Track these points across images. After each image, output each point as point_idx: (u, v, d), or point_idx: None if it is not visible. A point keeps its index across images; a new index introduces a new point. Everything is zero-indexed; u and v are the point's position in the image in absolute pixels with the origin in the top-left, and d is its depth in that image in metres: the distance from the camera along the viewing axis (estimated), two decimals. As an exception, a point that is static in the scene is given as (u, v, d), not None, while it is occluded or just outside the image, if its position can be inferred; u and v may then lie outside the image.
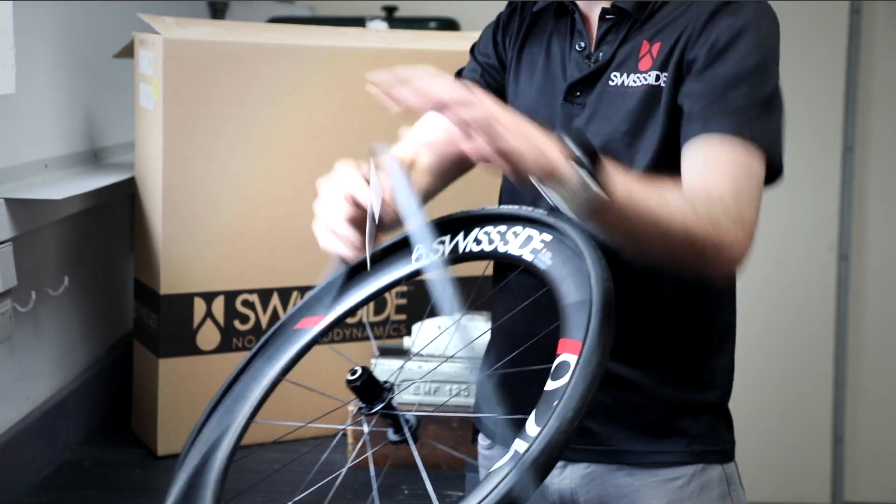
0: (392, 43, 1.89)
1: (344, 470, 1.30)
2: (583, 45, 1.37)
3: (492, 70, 1.47)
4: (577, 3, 1.39)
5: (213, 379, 1.78)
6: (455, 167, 1.45)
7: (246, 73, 1.74)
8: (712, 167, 1.26)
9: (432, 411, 1.50)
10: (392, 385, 1.20)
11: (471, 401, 1.75)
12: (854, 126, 3.44)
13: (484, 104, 1.09)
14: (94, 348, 1.95)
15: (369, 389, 1.17)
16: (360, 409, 1.19)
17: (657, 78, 1.31)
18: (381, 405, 1.17)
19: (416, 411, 1.20)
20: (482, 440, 1.53)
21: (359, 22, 2.77)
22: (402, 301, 1.92)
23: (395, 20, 2.88)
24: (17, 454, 1.58)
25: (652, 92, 1.31)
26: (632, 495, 1.37)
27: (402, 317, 1.93)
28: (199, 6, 2.89)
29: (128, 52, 1.86)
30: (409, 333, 1.87)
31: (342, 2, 3.19)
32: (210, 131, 1.73)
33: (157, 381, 1.75)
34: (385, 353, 1.76)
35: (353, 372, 1.16)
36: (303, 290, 1.83)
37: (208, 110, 1.72)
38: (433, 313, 1.67)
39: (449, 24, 2.88)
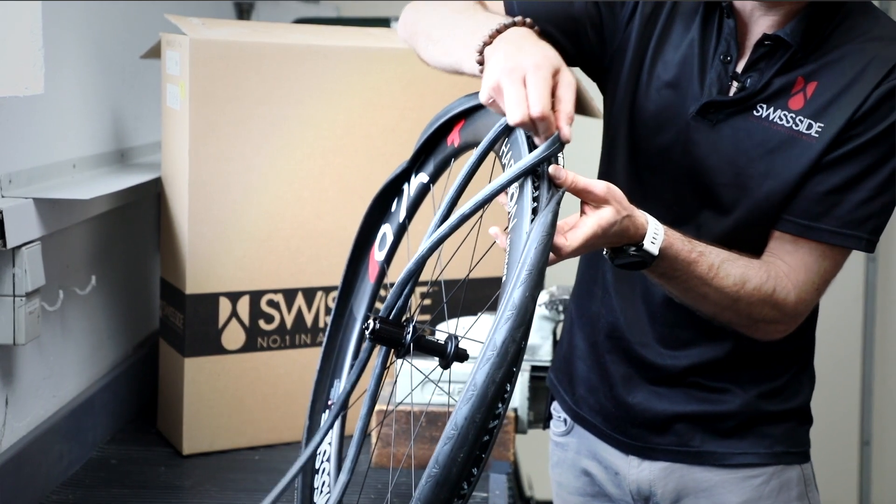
0: (417, 43, 1.89)
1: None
2: (729, 58, 1.30)
3: (594, 27, 1.36)
4: (735, 4, 1.30)
5: (238, 378, 1.79)
6: None
7: (272, 73, 1.74)
8: (791, 264, 1.30)
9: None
10: (409, 321, 1.20)
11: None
12: (882, 126, 3.40)
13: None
14: (120, 347, 1.97)
15: (390, 333, 1.17)
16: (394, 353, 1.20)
17: (809, 126, 1.26)
18: (411, 337, 1.17)
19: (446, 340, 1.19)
20: (555, 426, 1.56)
21: (384, 22, 2.77)
22: (427, 301, 1.92)
23: (420, 20, 2.87)
24: (45, 452, 1.59)
25: (799, 138, 1.27)
26: (710, 490, 1.40)
27: (426, 317, 1.93)
28: (225, 7, 2.90)
29: (155, 52, 1.87)
30: (432, 334, 1.87)
31: (367, 2, 3.19)
32: (236, 131, 1.73)
33: (183, 380, 1.76)
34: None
35: (367, 326, 1.15)
36: (328, 289, 1.83)
37: (234, 110, 1.73)
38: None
39: (474, 25, 2.87)
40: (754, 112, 1.28)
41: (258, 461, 1.77)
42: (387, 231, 1.42)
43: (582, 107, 2.07)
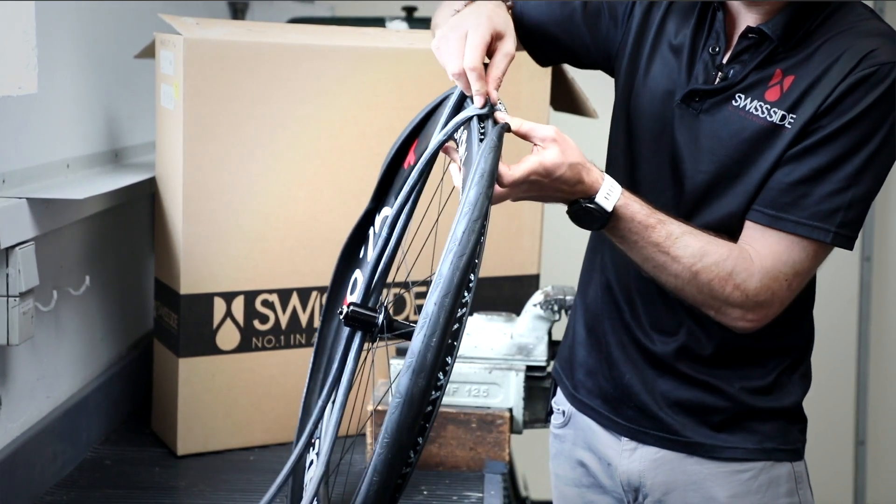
0: (412, 43, 1.89)
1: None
2: (716, 49, 1.35)
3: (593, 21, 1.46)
4: (728, 2, 1.36)
5: (233, 379, 1.79)
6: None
7: (266, 73, 1.74)
8: (759, 250, 1.31)
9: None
10: (383, 305, 1.25)
11: (489, 401, 1.75)
12: (877, 126, 3.41)
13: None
14: (114, 347, 1.96)
15: (362, 316, 1.23)
16: (370, 339, 1.24)
17: (783, 118, 1.30)
18: (382, 322, 1.22)
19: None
20: (554, 419, 1.59)
21: (378, 22, 2.77)
22: (420, 301, 1.92)
23: (414, 20, 2.88)
24: (39, 452, 1.59)
25: (773, 129, 1.30)
26: (699, 482, 1.41)
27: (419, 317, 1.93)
28: (220, 6, 2.90)
29: (149, 52, 1.87)
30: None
31: (362, 2, 3.19)
32: (231, 131, 1.73)
33: (177, 380, 1.75)
34: (402, 353, 1.76)
35: (341, 311, 1.22)
36: (323, 290, 1.83)
37: (229, 110, 1.72)
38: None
39: (469, 25, 2.87)
40: (733, 102, 1.33)
41: (252, 462, 1.77)
42: (358, 276, 1.46)
43: (578, 107, 2.07)
